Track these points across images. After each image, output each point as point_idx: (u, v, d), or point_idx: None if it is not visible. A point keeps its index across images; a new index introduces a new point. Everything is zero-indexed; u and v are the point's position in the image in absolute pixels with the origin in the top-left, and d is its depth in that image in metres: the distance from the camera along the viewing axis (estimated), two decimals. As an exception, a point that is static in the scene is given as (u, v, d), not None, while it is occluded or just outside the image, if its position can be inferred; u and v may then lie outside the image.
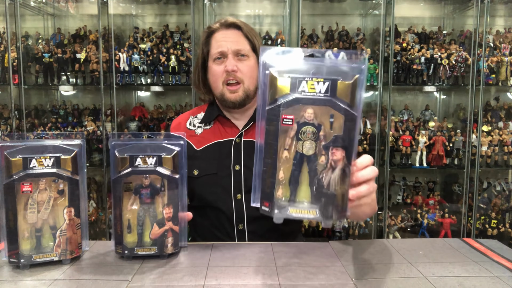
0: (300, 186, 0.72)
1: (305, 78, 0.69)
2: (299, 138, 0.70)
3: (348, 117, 0.69)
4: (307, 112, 0.69)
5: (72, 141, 0.93)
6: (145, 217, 0.91)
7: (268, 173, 0.72)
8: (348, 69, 0.70)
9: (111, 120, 2.88)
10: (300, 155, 0.71)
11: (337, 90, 0.69)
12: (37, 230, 0.87)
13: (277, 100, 0.70)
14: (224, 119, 1.29)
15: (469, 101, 2.76)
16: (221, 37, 1.23)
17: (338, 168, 0.70)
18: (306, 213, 0.72)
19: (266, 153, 0.71)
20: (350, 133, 0.69)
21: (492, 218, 2.85)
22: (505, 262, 0.93)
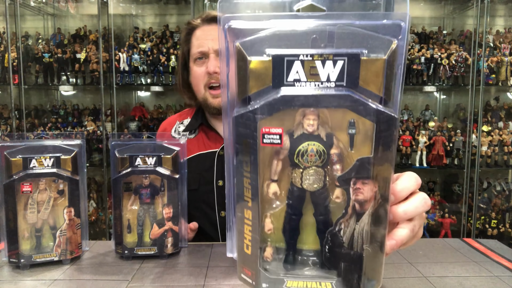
0: (303, 237, 0.44)
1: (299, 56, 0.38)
2: (295, 164, 0.41)
3: (383, 123, 0.38)
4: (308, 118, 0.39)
5: (72, 141, 0.93)
6: (145, 217, 0.91)
7: (246, 222, 0.43)
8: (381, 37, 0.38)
9: (111, 120, 2.88)
10: (299, 191, 0.42)
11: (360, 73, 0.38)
12: (37, 230, 0.87)
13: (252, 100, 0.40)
14: (207, 129, 1.19)
15: (469, 101, 2.76)
16: (202, 35, 1.11)
17: (367, 214, 0.41)
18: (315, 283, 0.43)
19: (240, 190, 0.43)
20: (386, 151, 0.39)
21: (492, 218, 2.85)
22: (505, 262, 0.93)
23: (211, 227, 1.13)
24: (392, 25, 0.39)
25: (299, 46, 0.38)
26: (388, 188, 0.40)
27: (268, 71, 0.39)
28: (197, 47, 1.11)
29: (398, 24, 0.38)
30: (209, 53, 1.09)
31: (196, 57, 1.12)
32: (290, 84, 0.38)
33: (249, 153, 0.40)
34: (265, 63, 0.39)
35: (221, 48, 0.43)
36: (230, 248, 0.49)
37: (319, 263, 0.44)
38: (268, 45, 0.39)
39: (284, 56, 0.38)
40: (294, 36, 0.39)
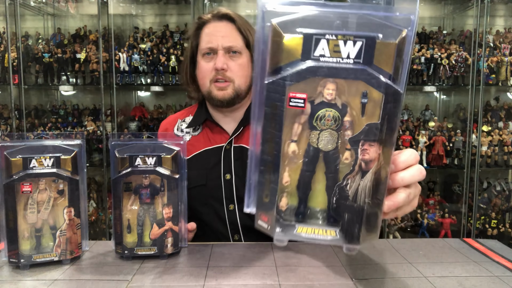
0: (314, 195, 0.51)
1: (325, 35, 0.45)
2: (313, 127, 0.48)
3: (390, 96, 0.47)
4: (328, 88, 0.46)
5: (72, 141, 0.93)
6: (145, 217, 0.91)
7: (267, 175, 0.50)
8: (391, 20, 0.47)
9: (111, 120, 2.88)
10: (314, 151, 0.49)
11: (375, 54, 0.45)
12: (37, 230, 0.87)
13: (282, 70, 0.47)
14: (212, 124, 1.19)
15: (469, 101, 2.76)
16: (212, 31, 1.12)
17: (371, 172, 0.48)
18: (321, 234, 0.51)
19: (265, 147, 0.49)
20: (391, 120, 0.48)
21: (492, 218, 2.85)
22: (505, 262, 0.93)
23: (220, 222, 1.14)
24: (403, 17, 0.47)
25: (324, 29, 0.46)
26: (390, 152, 0.49)
27: (298, 46, 0.46)
28: (207, 43, 1.11)
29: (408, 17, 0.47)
30: (218, 49, 1.10)
31: (204, 52, 1.12)
32: (316, 58, 0.46)
33: (276, 114, 0.47)
34: (297, 39, 0.46)
35: (257, 27, 0.51)
36: (248, 203, 0.54)
37: (326, 217, 0.52)
38: (299, 26, 0.46)
39: (313, 35, 0.45)
40: (320, 20, 0.46)
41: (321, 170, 0.50)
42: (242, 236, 1.15)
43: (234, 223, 1.13)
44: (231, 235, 1.15)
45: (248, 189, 0.54)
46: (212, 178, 1.14)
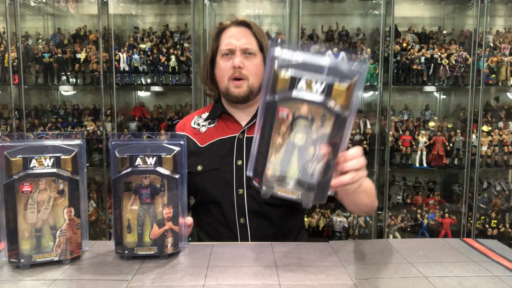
0: (289, 170, 0.79)
1: (304, 77, 0.72)
2: (292, 129, 0.76)
3: (339, 119, 0.73)
4: (303, 107, 0.74)
5: (72, 141, 0.93)
6: (145, 217, 0.91)
7: (261, 154, 0.78)
8: (348, 71, 0.72)
9: (111, 120, 2.88)
10: (291, 144, 0.77)
11: (332, 92, 0.72)
12: (37, 230, 0.87)
13: (276, 94, 0.74)
14: (227, 116, 1.33)
15: (469, 101, 2.76)
16: (231, 34, 1.27)
17: (323, 162, 0.77)
18: (290, 194, 0.80)
19: (262, 137, 0.78)
20: (338, 132, 0.75)
21: (492, 218, 2.85)
22: (505, 262, 0.93)
23: (229, 205, 1.23)
24: (357, 69, 0.73)
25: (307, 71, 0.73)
26: (337, 151, 0.77)
27: (287, 82, 0.73)
28: (226, 45, 1.26)
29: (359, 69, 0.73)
30: (236, 50, 1.25)
31: (224, 53, 1.26)
32: (298, 89, 0.73)
33: (270, 119, 0.76)
34: (287, 78, 0.73)
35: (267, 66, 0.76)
36: (249, 169, 0.82)
37: (294, 184, 0.80)
38: (290, 69, 0.73)
39: (296, 77, 0.73)
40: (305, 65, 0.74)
41: (295, 157, 0.78)
42: (248, 220, 1.22)
43: (242, 206, 1.22)
44: (238, 218, 1.22)
45: (251, 161, 0.82)
46: (225, 163, 1.24)
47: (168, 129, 2.91)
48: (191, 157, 1.27)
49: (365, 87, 2.88)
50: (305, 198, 0.80)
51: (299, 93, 0.72)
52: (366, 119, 2.91)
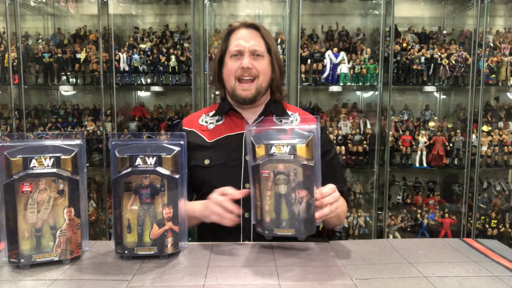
0: (281, 214, 0.99)
1: (274, 144, 0.97)
2: (276, 183, 0.98)
3: (306, 168, 0.95)
4: (279, 165, 0.97)
5: (72, 141, 0.93)
6: (145, 217, 0.91)
7: (258, 207, 1.00)
8: (305, 133, 0.97)
9: (111, 120, 2.87)
10: (278, 194, 0.98)
11: (296, 150, 0.96)
12: (37, 230, 0.87)
13: (258, 160, 0.98)
14: (235, 113, 1.36)
15: (469, 101, 2.76)
16: (240, 36, 1.31)
17: (304, 202, 0.97)
18: (286, 232, 0.99)
19: (255, 193, 1.00)
20: (309, 178, 0.96)
21: (492, 218, 2.85)
22: (505, 262, 0.93)
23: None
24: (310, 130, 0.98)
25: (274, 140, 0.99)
26: (312, 191, 0.97)
27: (263, 150, 0.98)
28: (235, 46, 1.30)
29: (314, 128, 0.98)
30: (244, 52, 1.28)
31: (232, 53, 1.30)
32: (271, 154, 0.97)
33: (258, 179, 0.99)
34: (262, 146, 0.98)
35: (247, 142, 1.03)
36: (253, 218, 1.03)
37: (287, 224, 0.99)
38: (263, 139, 0.99)
39: (268, 143, 0.98)
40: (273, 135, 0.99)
41: (283, 203, 0.98)
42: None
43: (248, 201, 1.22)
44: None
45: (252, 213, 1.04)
46: (233, 158, 1.28)
47: (168, 129, 2.91)
48: (199, 151, 1.30)
49: (365, 87, 2.88)
50: (298, 233, 0.98)
51: (273, 156, 0.97)
52: (366, 119, 2.91)
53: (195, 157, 1.30)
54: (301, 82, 2.78)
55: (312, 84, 2.85)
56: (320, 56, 2.80)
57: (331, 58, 2.78)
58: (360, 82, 2.81)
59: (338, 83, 2.79)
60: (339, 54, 2.78)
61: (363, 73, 2.79)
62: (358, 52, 2.84)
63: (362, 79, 2.80)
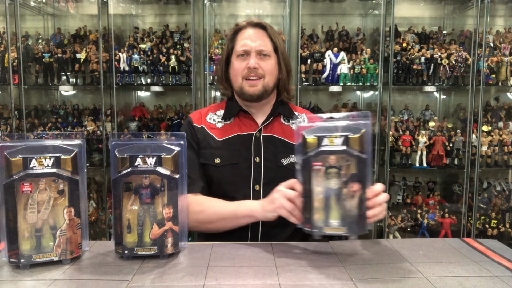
0: (331, 211, 0.93)
1: (326, 136, 0.93)
2: (326, 177, 0.93)
3: (360, 160, 0.91)
4: (331, 158, 0.92)
5: (72, 141, 0.93)
6: (145, 217, 0.91)
7: (307, 204, 0.94)
8: (356, 126, 0.93)
9: (111, 120, 2.88)
10: (328, 189, 0.92)
11: (349, 142, 0.91)
12: (37, 230, 0.87)
13: (308, 153, 0.93)
14: (244, 114, 1.35)
15: (469, 101, 2.76)
16: (247, 35, 1.29)
17: (357, 197, 0.91)
18: (337, 230, 0.92)
19: (304, 190, 0.94)
20: (362, 171, 0.91)
21: (492, 218, 2.85)
22: (505, 262, 0.93)
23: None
24: (363, 123, 0.93)
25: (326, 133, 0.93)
26: (365, 185, 0.91)
27: (315, 142, 0.93)
28: (242, 46, 1.28)
29: (366, 122, 0.93)
30: (251, 52, 1.27)
31: (239, 53, 1.29)
32: (323, 146, 0.92)
33: (308, 172, 0.93)
34: (314, 139, 0.93)
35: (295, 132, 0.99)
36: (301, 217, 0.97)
37: (338, 222, 0.92)
38: (314, 132, 0.94)
39: (321, 136, 0.93)
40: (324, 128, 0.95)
41: (333, 199, 0.93)
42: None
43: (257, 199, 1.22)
44: None
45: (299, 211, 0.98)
46: (243, 159, 1.27)
47: (168, 129, 2.91)
48: (208, 149, 1.28)
49: (365, 87, 2.88)
50: (350, 231, 0.92)
51: (326, 148, 0.92)
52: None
53: (205, 155, 1.29)
54: (301, 82, 2.79)
55: (312, 84, 2.85)
56: (320, 56, 2.80)
57: (331, 58, 2.78)
58: (360, 82, 2.81)
59: (338, 83, 2.79)
60: (339, 54, 2.78)
61: (363, 73, 2.79)
62: (358, 52, 2.84)
63: (362, 79, 2.80)
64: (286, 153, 1.28)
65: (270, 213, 1.07)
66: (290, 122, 1.36)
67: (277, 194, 1.04)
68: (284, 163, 1.27)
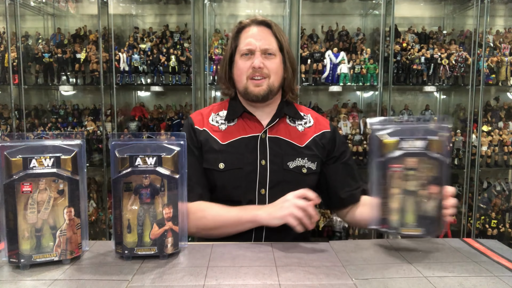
0: (407, 212, 0.95)
1: (405, 138, 0.94)
2: (405, 179, 0.95)
3: (440, 163, 0.93)
4: (409, 160, 0.93)
5: (72, 141, 0.93)
6: (145, 217, 0.91)
7: (384, 205, 0.96)
8: (436, 129, 0.95)
9: (111, 120, 2.87)
10: (406, 191, 0.95)
11: (430, 145, 0.93)
12: (37, 230, 0.87)
13: (386, 155, 0.95)
14: (248, 115, 1.30)
15: (469, 101, 2.76)
16: (251, 34, 1.25)
17: (435, 199, 0.93)
18: (414, 231, 0.95)
19: (380, 191, 0.96)
20: (442, 173, 0.93)
21: (492, 218, 2.85)
22: (505, 262, 0.93)
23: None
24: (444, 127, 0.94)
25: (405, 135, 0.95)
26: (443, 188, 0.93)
27: (394, 144, 0.95)
28: (246, 45, 1.24)
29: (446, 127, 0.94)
30: (256, 51, 1.23)
31: (243, 52, 1.24)
32: (403, 148, 0.94)
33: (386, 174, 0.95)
34: (393, 141, 0.95)
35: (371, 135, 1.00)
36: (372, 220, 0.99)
37: (414, 223, 0.95)
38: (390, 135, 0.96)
39: (402, 139, 0.94)
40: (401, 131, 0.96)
41: (410, 201, 0.95)
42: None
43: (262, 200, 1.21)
44: None
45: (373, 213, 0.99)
46: (248, 162, 1.23)
47: (168, 129, 2.91)
48: (212, 153, 1.24)
49: (365, 87, 2.88)
50: (427, 232, 0.95)
51: (406, 150, 0.94)
52: (366, 119, 2.92)
53: (208, 159, 1.24)
54: (301, 82, 2.78)
55: (312, 84, 2.85)
56: (320, 56, 2.80)
57: (331, 58, 2.78)
58: (360, 82, 2.81)
59: (338, 83, 2.79)
60: (339, 54, 2.78)
61: (363, 73, 2.79)
62: (358, 52, 2.84)
63: (362, 79, 2.80)
64: (292, 156, 1.24)
65: (277, 220, 1.06)
66: (296, 123, 1.32)
67: (287, 203, 1.04)
68: (291, 166, 1.23)
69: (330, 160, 1.32)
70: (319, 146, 1.30)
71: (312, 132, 1.31)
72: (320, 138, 1.31)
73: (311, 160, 1.26)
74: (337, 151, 1.33)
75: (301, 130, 1.31)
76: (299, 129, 1.31)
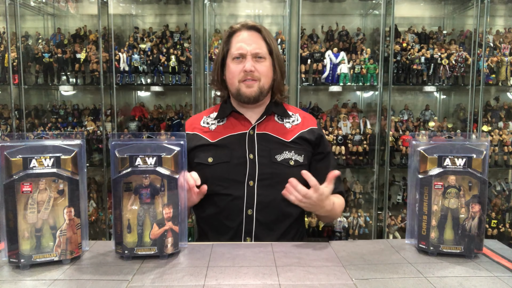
0: (446, 230, 0.97)
1: (448, 156, 0.96)
2: (445, 197, 0.97)
3: (481, 181, 0.95)
4: (451, 178, 0.96)
5: (72, 141, 0.93)
6: (145, 217, 0.91)
7: (424, 221, 0.98)
8: (478, 147, 0.97)
9: (111, 120, 2.87)
10: (446, 208, 0.97)
11: (472, 164, 0.96)
12: (37, 230, 0.87)
13: (428, 172, 0.98)
14: (237, 115, 1.37)
15: (469, 101, 2.76)
16: (242, 38, 1.31)
17: (477, 217, 0.96)
18: (454, 249, 0.97)
19: (422, 207, 0.99)
20: (483, 192, 0.95)
21: (492, 218, 2.85)
22: (505, 262, 0.93)
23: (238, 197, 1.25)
24: (484, 145, 0.97)
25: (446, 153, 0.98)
26: (485, 208, 0.95)
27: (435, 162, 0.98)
28: (237, 49, 1.30)
29: (485, 145, 0.97)
30: (247, 55, 1.28)
31: (234, 56, 1.30)
32: (444, 166, 0.97)
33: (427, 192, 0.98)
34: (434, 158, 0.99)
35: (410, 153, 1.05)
36: (410, 236, 1.05)
37: (454, 240, 0.97)
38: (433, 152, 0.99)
39: (442, 156, 0.98)
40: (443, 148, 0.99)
41: (450, 219, 0.97)
42: (255, 212, 1.24)
43: (251, 198, 1.25)
44: (246, 209, 1.25)
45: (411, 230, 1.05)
46: (237, 156, 1.29)
47: (168, 129, 2.91)
48: (202, 151, 1.31)
49: (365, 87, 2.88)
50: (467, 251, 0.96)
51: (447, 168, 0.96)
52: (366, 119, 2.91)
53: (198, 156, 1.31)
54: (301, 82, 2.78)
55: (312, 84, 2.85)
56: (320, 56, 2.80)
57: (331, 58, 2.78)
58: (360, 82, 2.81)
59: (338, 83, 2.79)
60: (339, 54, 2.78)
61: (363, 73, 2.79)
62: (358, 52, 2.84)
63: (362, 79, 2.80)
64: (279, 150, 1.30)
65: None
66: (284, 121, 1.37)
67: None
68: (278, 159, 1.28)
69: (318, 156, 1.38)
70: (306, 140, 1.35)
71: (299, 129, 1.37)
72: (307, 134, 1.36)
73: (297, 153, 1.31)
74: (324, 149, 1.39)
75: (288, 127, 1.36)
76: (286, 126, 1.36)
